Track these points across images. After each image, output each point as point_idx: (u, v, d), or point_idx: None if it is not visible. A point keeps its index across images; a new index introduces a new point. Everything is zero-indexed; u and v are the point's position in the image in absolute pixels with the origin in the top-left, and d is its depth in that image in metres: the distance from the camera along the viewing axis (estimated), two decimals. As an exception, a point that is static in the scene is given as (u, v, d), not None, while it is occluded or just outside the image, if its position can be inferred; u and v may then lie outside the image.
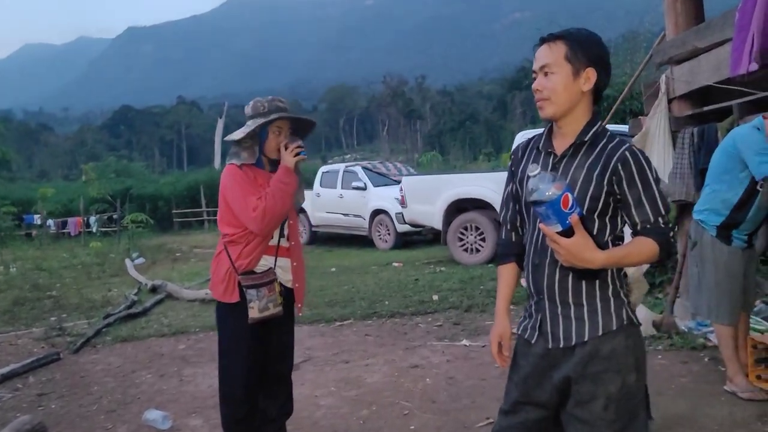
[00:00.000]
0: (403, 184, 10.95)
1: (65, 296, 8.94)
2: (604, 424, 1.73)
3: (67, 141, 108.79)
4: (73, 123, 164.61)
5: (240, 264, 2.77)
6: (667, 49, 4.79)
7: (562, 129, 1.82)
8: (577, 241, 1.58)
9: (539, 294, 1.82)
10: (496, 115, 77.27)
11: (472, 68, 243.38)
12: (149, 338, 6.04)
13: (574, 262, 1.61)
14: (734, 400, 3.46)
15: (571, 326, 1.77)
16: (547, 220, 1.58)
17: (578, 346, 1.75)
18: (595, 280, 1.74)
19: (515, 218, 1.98)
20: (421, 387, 4.12)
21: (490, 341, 1.98)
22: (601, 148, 1.76)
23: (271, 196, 2.68)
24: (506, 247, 2.00)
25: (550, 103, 1.76)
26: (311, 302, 7.15)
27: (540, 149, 1.87)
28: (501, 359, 1.95)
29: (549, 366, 1.81)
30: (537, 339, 1.83)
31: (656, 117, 4.80)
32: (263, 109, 2.76)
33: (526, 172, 1.83)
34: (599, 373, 1.73)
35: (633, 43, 16.21)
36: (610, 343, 1.74)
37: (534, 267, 1.82)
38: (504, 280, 2.00)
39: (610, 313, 1.75)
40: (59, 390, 4.64)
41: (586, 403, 1.74)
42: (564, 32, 1.77)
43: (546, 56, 1.76)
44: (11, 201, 22.19)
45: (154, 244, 16.65)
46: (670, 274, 5.53)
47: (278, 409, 2.98)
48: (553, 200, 1.53)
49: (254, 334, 2.80)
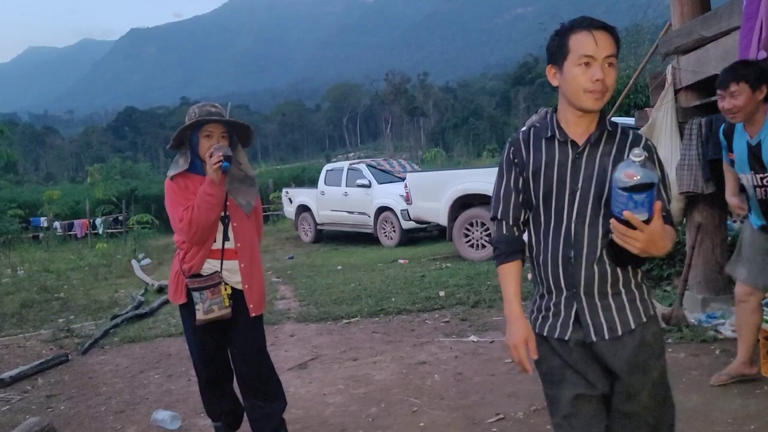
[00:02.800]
0: (408, 181, 10.93)
1: (73, 298, 8.95)
2: (649, 413, 1.78)
3: (72, 143, 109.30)
4: (77, 125, 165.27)
5: (185, 267, 2.88)
6: (673, 39, 4.74)
7: (584, 119, 1.77)
8: (658, 228, 1.56)
9: (572, 288, 1.77)
10: (500, 111, 77.18)
11: (474, 64, 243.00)
12: (157, 338, 6.04)
13: (650, 249, 1.58)
14: (747, 393, 3.43)
15: (614, 316, 1.76)
16: (638, 208, 1.53)
17: (626, 336, 1.75)
18: (639, 268, 1.76)
19: (519, 213, 1.86)
20: (429, 384, 4.10)
21: (515, 347, 1.82)
22: (621, 137, 1.77)
23: (196, 207, 2.76)
24: (510, 244, 1.87)
25: (607, 95, 1.71)
26: (318, 300, 7.15)
27: (554, 138, 1.80)
28: (528, 365, 1.83)
29: (590, 357, 1.79)
30: (571, 335, 1.78)
31: (663, 108, 4.76)
32: (194, 115, 2.83)
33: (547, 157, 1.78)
34: (646, 361, 1.76)
35: (637, 36, 16.15)
36: (650, 329, 1.78)
37: (566, 260, 1.77)
38: (513, 279, 1.87)
39: (645, 299, 1.80)
40: (68, 391, 4.64)
41: (636, 395, 1.76)
42: (613, 27, 1.74)
43: (612, 47, 1.70)
44: (18, 204, 22.28)
45: (161, 245, 16.66)
46: (678, 267, 5.49)
47: (257, 408, 3.06)
48: (653, 187, 1.52)
49: (207, 334, 2.95)
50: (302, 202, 14.86)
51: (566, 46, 1.71)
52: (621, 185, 1.53)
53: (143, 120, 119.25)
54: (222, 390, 3.12)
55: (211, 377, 3.07)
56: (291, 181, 24.99)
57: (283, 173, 33.11)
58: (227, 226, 2.91)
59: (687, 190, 4.56)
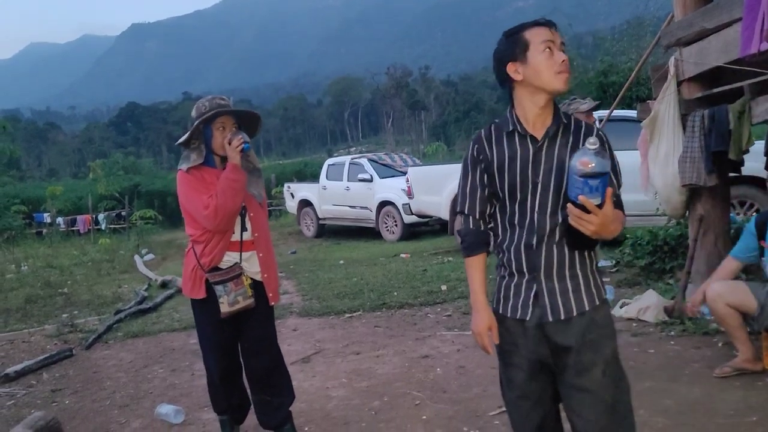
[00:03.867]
0: (410, 175, 10.92)
1: (76, 293, 8.99)
2: (604, 390, 1.86)
3: (74, 139, 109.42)
4: (80, 121, 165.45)
5: (204, 262, 2.87)
6: (675, 30, 4.72)
7: (542, 113, 1.88)
8: (609, 212, 1.68)
9: (533, 271, 1.90)
10: (501, 105, 76.74)
11: (475, 57, 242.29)
12: (160, 333, 6.07)
13: (602, 232, 1.71)
14: (749, 385, 3.43)
15: (570, 298, 1.88)
16: (593, 192, 1.66)
17: (576, 317, 1.88)
18: (592, 251, 1.90)
19: (484, 207, 1.98)
20: (432, 377, 4.11)
21: (479, 334, 1.98)
22: (575, 130, 1.89)
23: (221, 193, 2.75)
24: (477, 236, 2.00)
25: (569, 76, 1.85)
26: (321, 295, 7.17)
27: (515, 132, 1.91)
28: (490, 348, 1.99)
29: (544, 335, 1.91)
30: (532, 314, 1.91)
31: (665, 100, 4.74)
32: (204, 108, 2.83)
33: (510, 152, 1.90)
34: (596, 341, 1.88)
35: (638, 29, 16.10)
36: (601, 311, 1.91)
37: (528, 246, 1.89)
38: (478, 271, 2.01)
39: (598, 285, 1.93)
40: (72, 386, 4.67)
41: (587, 371, 1.86)
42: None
43: (559, 36, 1.85)
44: (21, 200, 22.34)
45: (164, 240, 16.71)
46: (681, 260, 5.49)
47: (265, 402, 3.06)
48: (606, 173, 1.65)
49: (223, 328, 2.94)
50: (304, 197, 14.87)
51: (523, 40, 1.84)
52: (576, 172, 1.65)
53: (145, 115, 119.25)
54: (233, 384, 3.11)
55: (224, 371, 3.05)
56: (293, 175, 25.03)
57: (285, 168, 33.13)
58: (244, 217, 2.92)
59: (689, 182, 4.55)
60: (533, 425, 2.00)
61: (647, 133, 4.91)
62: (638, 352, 4.15)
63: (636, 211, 6.14)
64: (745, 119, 4.12)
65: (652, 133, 4.85)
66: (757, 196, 6.65)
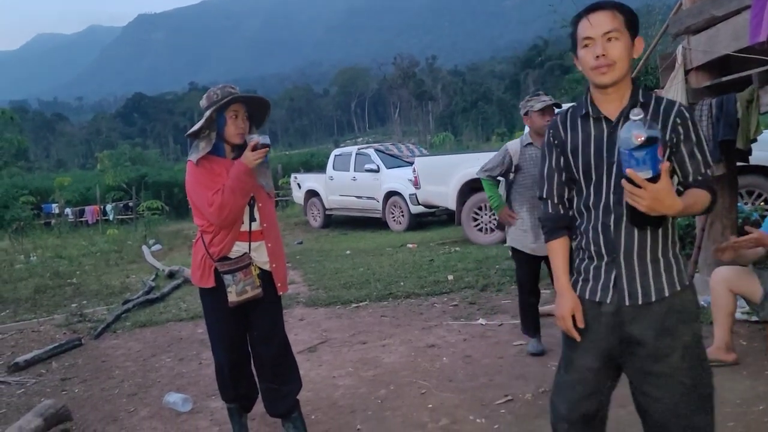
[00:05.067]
0: (417, 165, 10.90)
1: (85, 283, 9.05)
2: (683, 374, 1.83)
3: (82, 130, 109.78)
4: (87, 111, 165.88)
5: (213, 251, 2.88)
6: (684, 18, 4.68)
7: (610, 95, 1.86)
8: (664, 186, 1.61)
9: (612, 254, 1.86)
10: (509, 95, 76.56)
11: (483, 47, 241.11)
12: (168, 323, 6.11)
13: (657, 208, 1.63)
14: (756, 374, 3.43)
15: (649, 282, 1.84)
16: (639, 165, 1.59)
17: (656, 303, 1.83)
18: (656, 233, 1.83)
19: (563, 191, 2.00)
20: (438, 366, 4.13)
21: (562, 318, 1.95)
22: (654, 108, 1.84)
23: (228, 191, 2.75)
24: (556, 220, 2.02)
25: (614, 68, 1.80)
26: (327, 285, 7.19)
27: (589, 115, 1.90)
28: (576, 332, 1.94)
29: (620, 322, 1.87)
30: (611, 298, 1.87)
31: (673, 89, 4.71)
32: (216, 97, 2.82)
33: (583, 134, 1.89)
34: (675, 326, 1.83)
35: (648, 17, 15.94)
36: (680, 297, 1.85)
37: (606, 228, 1.86)
38: (560, 254, 2.02)
39: (681, 268, 1.87)
40: (82, 375, 4.71)
41: (666, 357, 1.82)
42: (613, 3, 1.82)
43: (610, 22, 1.79)
44: (29, 191, 22.42)
45: (171, 231, 16.77)
46: (688, 249, 5.47)
47: (273, 390, 3.06)
48: (654, 145, 1.57)
49: (232, 317, 2.95)
50: (311, 188, 14.88)
51: (575, 34, 1.87)
52: (622, 144, 1.61)
53: (152, 106, 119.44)
54: (241, 373, 3.12)
55: (233, 361, 3.06)
56: (300, 166, 25.02)
57: (292, 158, 33.14)
58: (253, 207, 2.92)
59: (697, 171, 4.52)
60: (580, 412, 1.96)
61: (655, 122, 4.87)
62: (644, 341, 4.15)
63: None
64: (754, 108, 4.09)
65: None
66: (765, 185, 6.61)
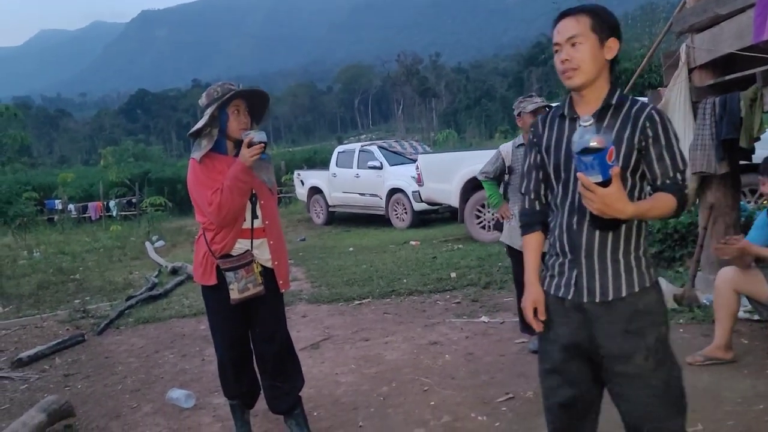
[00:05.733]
0: (420, 163, 10.90)
1: (88, 279, 9.08)
2: (650, 375, 1.85)
3: (85, 126, 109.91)
4: (90, 108, 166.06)
5: (215, 249, 2.88)
6: (688, 16, 4.67)
7: (585, 97, 1.90)
8: (613, 191, 1.64)
9: (575, 252, 1.91)
10: (512, 92, 76.28)
11: (486, 44, 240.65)
12: (171, 319, 6.12)
13: (607, 212, 1.67)
14: (757, 373, 3.43)
15: (608, 281, 1.86)
16: (589, 170, 1.63)
17: (616, 302, 1.86)
18: (618, 233, 1.85)
19: (539, 187, 2.06)
20: (440, 363, 4.14)
21: (524, 308, 2.03)
22: (627, 110, 1.87)
23: (227, 191, 2.75)
24: (531, 216, 2.08)
25: (579, 72, 1.84)
26: (330, 282, 7.20)
27: (564, 116, 1.95)
28: (537, 324, 2.01)
29: (584, 319, 1.90)
30: (573, 294, 1.91)
31: (676, 87, 4.70)
32: (216, 94, 2.83)
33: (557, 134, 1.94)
34: (640, 328, 1.85)
35: (652, 15, 15.94)
36: (645, 298, 1.87)
37: (569, 226, 1.91)
38: (532, 249, 2.08)
39: (642, 270, 1.88)
40: (85, 370, 4.73)
41: (628, 358, 1.84)
42: (583, 7, 1.87)
43: (572, 27, 1.83)
44: (33, 187, 22.45)
45: (174, 227, 16.78)
46: (691, 248, 5.46)
47: (275, 387, 3.07)
48: (601, 151, 1.60)
49: (234, 314, 2.95)
50: (314, 184, 14.88)
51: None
52: (573, 148, 1.65)
53: (155, 102, 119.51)
54: (243, 370, 3.13)
55: (235, 358, 3.06)
56: (303, 163, 24.99)
57: (295, 155, 33.11)
58: (255, 205, 2.92)
59: (700, 170, 4.52)
60: (559, 401, 2.01)
61: (658, 120, 4.87)
62: (647, 340, 4.15)
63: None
64: (757, 107, 4.08)
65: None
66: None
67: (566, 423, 2.05)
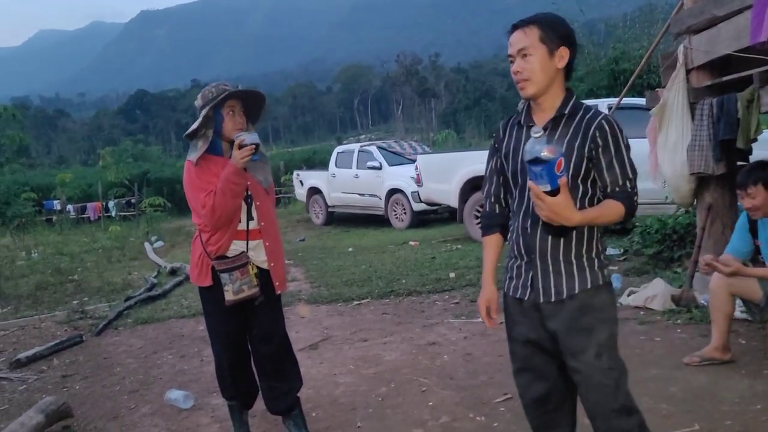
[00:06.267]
0: (419, 163, 10.89)
1: (86, 280, 9.07)
2: (600, 372, 1.92)
3: (84, 126, 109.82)
4: (89, 108, 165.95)
5: (211, 250, 2.88)
6: (685, 18, 4.68)
7: (541, 105, 1.97)
8: (560, 200, 1.73)
9: (530, 254, 2.00)
10: (512, 93, 76.25)
11: (486, 45, 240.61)
12: (169, 320, 6.12)
13: (555, 219, 1.77)
14: (754, 373, 3.44)
15: (562, 281, 1.96)
16: (538, 179, 1.72)
17: (567, 300, 1.95)
18: (569, 237, 1.93)
19: (499, 191, 2.15)
20: (438, 364, 4.14)
21: (479, 306, 2.16)
22: (579, 120, 1.93)
23: (220, 193, 2.75)
24: (491, 218, 2.19)
25: (530, 83, 1.91)
26: (329, 282, 7.20)
27: (521, 124, 2.02)
28: (490, 321, 2.14)
29: (539, 317, 2.01)
30: (529, 295, 2.01)
31: (674, 88, 4.71)
32: (211, 95, 2.82)
33: (515, 141, 2.02)
34: (590, 324, 1.93)
35: (650, 15, 15.90)
36: (597, 297, 1.96)
37: (524, 230, 2.00)
38: (490, 250, 2.19)
39: (595, 270, 1.97)
40: (83, 371, 4.73)
41: (579, 354, 1.93)
42: (534, 17, 1.93)
43: (521, 40, 1.90)
44: (31, 187, 22.42)
45: (173, 227, 16.77)
46: (689, 248, 5.47)
47: (274, 388, 3.07)
48: (550, 162, 1.68)
49: (231, 315, 2.95)
50: (313, 185, 14.88)
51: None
52: (524, 157, 1.74)
53: (154, 103, 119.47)
54: (241, 370, 3.12)
55: (232, 359, 3.06)
56: (302, 163, 25.01)
57: (294, 155, 33.13)
58: (251, 206, 2.92)
59: (698, 170, 4.53)
60: (533, 396, 2.11)
61: (656, 121, 4.88)
62: (645, 339, 4.16)
63: (645, 200, 6.11)
64: (754, 108, 4.09)
65: (661, 122, 4.82)
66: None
67: (544, 417, 2.13)
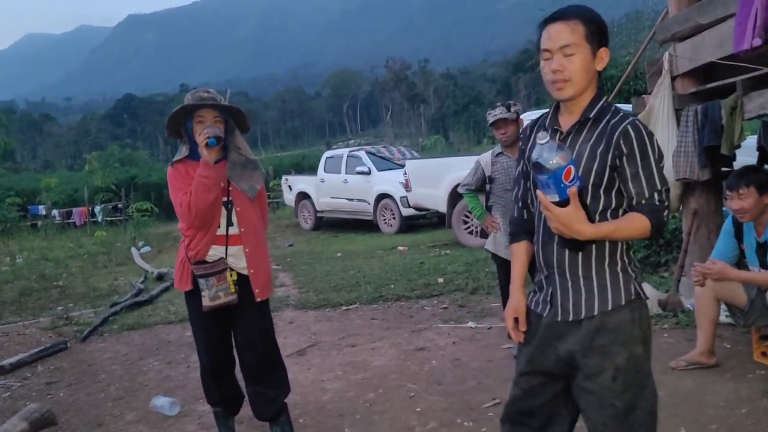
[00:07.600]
0: (408, 168, 10.91)
1: (72, 286, 8.99)
2: (614, 395, 1.76)
3: (70, 131, 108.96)
4: (75, 112, 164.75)
5: (191, 254, 2.88)
6: (670, 26, 4.73)
7: (570, 108, 1.82)
8: (569, 212, 1.59)
9: (549, 268, 1.85)
10: (500, 98, 76.53)
11: (475, 50, 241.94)
12: (156, 326, 6.07)
13: (564, 231, 1.63)
14: (739, 377, 3.46)
15: (581, 299, 1.79)
16: (545, 188, 1.59)
17: (585, 320, 1.78)
18: (588, 250, 1.77)
19: (526, 196, 1.99)
20: (427, 369, 4.14)
21: (506, 317, 1.97)
22: (604, 124, 1.77)
23: (194, 191, 2.76)
24: (518, 224, 2.03)
25: (571, 84, 1.74)
26: (318, 287, 7.18)
27: (546, 127, 1.87)
28: (516, 334, 1.96)
29: (554, 337, 1.85)
30: (548, 311, 1.86)
31: (660, 95, 4.75)
32: (186, 102, 2.82)
33: (535, 142, 1.82)
34: (606, 346, 1.76)
35: (637, 22, 16.07)
36: (615, 316, 1.77)
37: (544, 242, 1.85)
38: (518, 258, 2.01)
39: (619, 287, 1.78)
40: (67, 378, 4.68)
41: (594, 376, 1.77)
42: (577, 11, 1.74)
43: (566, 36, 1.71)
44: (16, 192, 22.28)
45: (160, 233, 16.68)
46: (675, 253, 5.51)
47: (261, 394, 3.05)
48: (555, 171, 1.54)
49: (213, 320, 2.95)
50: (302, 190, 14.86)
51: (538, 44, 1.79)
52: (531, 167, 1.62)
53: (142, 107, 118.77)
54: (224, 377, 3.11)
55: (214, 364, 3.05)
56: (291, 168, 24.98)
57: (283, 160, 33.12)
58: (230, 212, 2.90)
59: (683, 176, 4.57)
60: (517, 409, 1.96)
61: (642, 127, 4.92)
62: (631, 345, 4.18)
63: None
64: (738, 115, 4.14)
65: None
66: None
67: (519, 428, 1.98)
